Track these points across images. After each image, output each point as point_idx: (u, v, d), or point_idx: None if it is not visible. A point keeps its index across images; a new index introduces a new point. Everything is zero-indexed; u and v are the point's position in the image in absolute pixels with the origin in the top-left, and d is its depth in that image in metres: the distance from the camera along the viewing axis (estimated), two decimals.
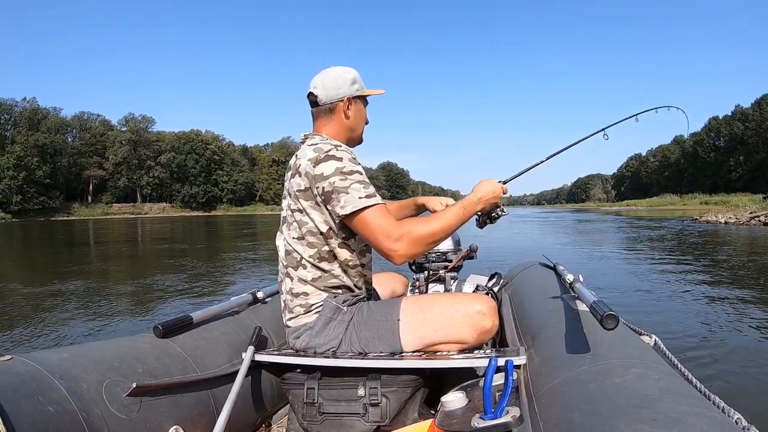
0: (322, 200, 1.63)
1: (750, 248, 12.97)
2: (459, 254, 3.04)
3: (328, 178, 1.59)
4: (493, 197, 1.79)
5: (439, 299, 1.74)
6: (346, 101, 1.78)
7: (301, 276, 1.73)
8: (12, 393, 1.13)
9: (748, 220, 23.33)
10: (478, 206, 1.76)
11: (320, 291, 1.72)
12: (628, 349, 1.29)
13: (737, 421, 0.99)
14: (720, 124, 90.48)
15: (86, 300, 6.92)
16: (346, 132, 1.83)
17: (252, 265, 11.04)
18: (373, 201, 1.57)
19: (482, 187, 1.79)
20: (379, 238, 1.55)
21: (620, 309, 1.22)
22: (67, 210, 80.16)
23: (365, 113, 1.89)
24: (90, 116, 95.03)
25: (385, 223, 1.55)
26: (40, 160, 75.91)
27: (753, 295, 6.29)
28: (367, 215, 1.56)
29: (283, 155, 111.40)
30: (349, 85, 1.79)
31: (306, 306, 1.73)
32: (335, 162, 1.60)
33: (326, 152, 1.63)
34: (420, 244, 1.56)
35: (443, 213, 1.68)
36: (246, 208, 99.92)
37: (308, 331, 1.72)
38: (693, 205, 58.69)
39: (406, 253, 1.55)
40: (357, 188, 1.57)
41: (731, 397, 1.18)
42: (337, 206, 1.58)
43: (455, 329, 1.63)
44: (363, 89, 1.84)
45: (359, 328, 1.67)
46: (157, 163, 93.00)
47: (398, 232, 1.53)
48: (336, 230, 1.68)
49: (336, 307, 1.70)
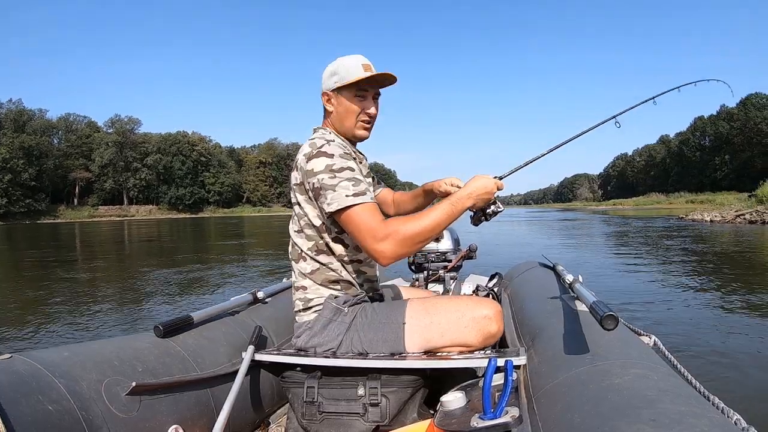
0: (312, 195, 1.63)
1: (736, 246, 13.09)
2: (458, 254, 3.04)
3: (317, 174, 1.58)
4: (485, 193, 1.67)
5: (445, 303, 1.70)
6: (324, 96, 1.78)
7: (301, 269, 1.74)
8: (12, 392, 1.12)
9: (734, 219, 23.51)
10: (468, 202, 1.66)
11: (318, 286, 1.72)
12: (628, 350, 1.29)
13: (737, 421, 1.00)
14: (705, 123, 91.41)
15: (86, 308, 6.86)
16: (336, 125, 1.80)
17: (247, 267, 11.00)
18: (360, 200, 1.54)
19: (474, 182, 1.69)
20: (365, 238, 1.52)
21: (615, 308, 1.23)
22: (53, 213, 79.59)
23: (355, 106, 1.76)
24: (76, 118, 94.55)
25: (371, 222, 1.52)
26: (25, 163, 75.35)
27: (744, 293, 6.34)
28: (354, 213, 1.53)
29: (270, 156, 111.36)
30: (327, 79, 1.76)
31: (305, 301, 1.74)
32: (326, 159, 1.59)
33: (318, 148, 1.62)
34: (407, 244, 1.51)
35: (431, 211, 1.61)
36: (233, 209, 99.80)
37: (308, 330, 1.72)
38: (679, 204, 59.19)
39: (392, 255, 1.51)
40: (345, 186, 1.55)
41: (731, 398, 1.18)
42: (324, 203, 1.57)
43: (461, 333, 1.61)
44: (344, 80, 1.71)
45: (362, 330, 1.66)
46: (144, 165, 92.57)
47: (384, 232, 1.49)
48: (328, 225, 1.68)
49: (336, 308, 1.69)
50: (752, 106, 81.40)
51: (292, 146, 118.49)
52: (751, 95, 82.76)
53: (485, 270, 2.91)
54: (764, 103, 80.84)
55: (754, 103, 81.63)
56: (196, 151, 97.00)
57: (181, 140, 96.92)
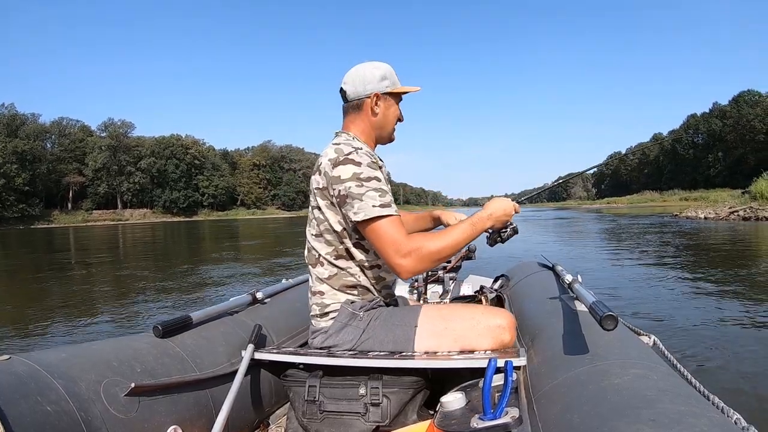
0: (337, 202, 1.63)
1: (731, 242, 13.13)
2: (458, 255, 3.05)
3: (344, 182, 1.59)
4: (504, 215, 1.73)
5: (460, 310, 1.73)
6: (373, 98, 1.76)
7: (318, 274, 1.75)
8: (10, 393, 1.12)
9: (728, 215, 23.58)
10: (488, 223, 1.71)
11: (336, 291, 1.73)
12: (628, 350, 1.30)
13: (736, 421, 1.01)
14: (698, 121, 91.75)
15: (85, 309, 6.82)
16: (373, 130, 1.81)
17: (244, 269, 10.98)
18: (386, 211, 1.56)
19: (494, 204, 1.74)
20: (388, 251, 1.54)
21: (612, 306, 1.23)
22: (47, 218, 79.05)
23: (397, 111, 1.84)
24: (69, 122, 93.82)
25: (396, 235, 1.54)
26: (19, 167, 74.81)
27: (742, 291, 6.34)
28: (379, 225, 1.56)
29: (264, 159, 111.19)
30: (377, 81, 1.76)
31: (322, 307, 1.75)
32: (353, 167, 1.60)
33: (346, 155, 1.62)
34: (427, 260, 1.55)
35: (452, 230, 1.65)
36: (227, 212, 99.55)
37: (323, 334, 1.74)
38: (673, 202, 59.32)
39: (413, 269, 1.55)
40: (372, 196, 1.57)
41: (730, 397, 1.19)
42: (350, 212, 1.58)
43: (475, 341, 1.62)
44: (395, 86, 1.80)
45: (375, 331, 1.68)
46: (138, 169, 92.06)
47: (407, 247, 1.53)
48: (350, 231, 1.69)
49: (352, 313, 1.70)
50: (745, 103, 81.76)
51: (286, 148, 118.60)
52: (743, 92, 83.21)
53: (485, 271, 2.91)
54: (757, 100, 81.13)
55: (746, 101, 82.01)
56: (189, 154, 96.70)
57: (174, 143, 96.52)
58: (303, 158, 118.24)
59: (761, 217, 21.53)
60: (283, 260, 12.68)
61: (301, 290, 2.54)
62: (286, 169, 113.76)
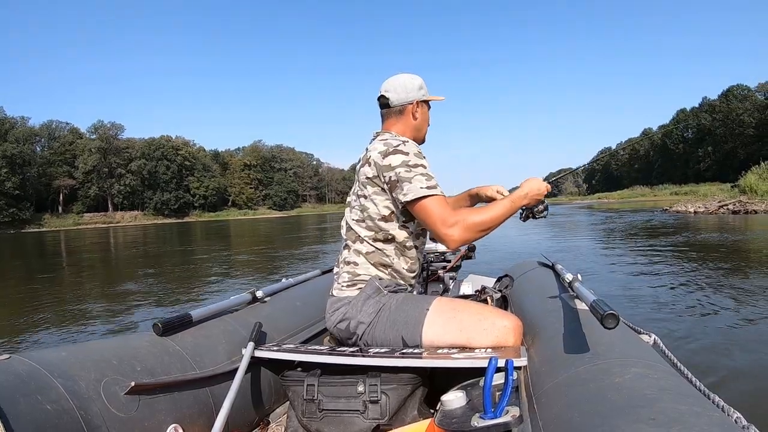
0: (388, 188, 1.82)
1: (721, 236, 13.22)
2: (457, 254, 3.06)
3: (394, 168, 1.78)
4: (538, 194, 1.94)
5: (471, 304, 1.85)
6: (415, 104, 1.99)
7: (358, 248, 1.92)
8: (10, 392, 1.13)
9: (717, 209, 23.78)
10: (524, 201, 1.91)
11: (370, 265, 1.90)
12: (628, 349, 1.31)
13: (737, 420, 1.01)
14: (688, 116, 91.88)
15: (84, 310, 6.79)
16: (412, 131, 2.01)
17: (242, 269, 10.96)
18: (433, 191, 1.74)
19: (529, 184, 1.94)
20: (436, 224, 1.72)
21: (611, 303, 1.24)
22: (37, 221, 78.31)
23: (429, 116, 2.08)
24: (59, 125, 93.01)
25: (442, 211, 1.72)
26: (8, 171, 73.99)
27: (740, 287, 6.34)
28: (428, 203, 1.74)
29: (254, 159, 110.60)
30: (417, 90, 1.99)
31: (352, 276, 1.90)
32: (402, 155, 1.79)
33: (395, 147, 1.82)
34: (472, 230, 1.73)
35: (493, 205, 1.84)
36: (219, 213, 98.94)
37: (346, 304, 1.86)
38: (663, 196, 59.46)
39: (459, 239, 1.72)
40: (419, 179, 1.75)
41: (731, 396, 1.20)
42: (401, 194, 1.76)
43: (479, 335, 1.69)
44: (428, 94, 2.03)
45: (391, 312, 1.79)
46: (128, 171, 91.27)
47: (453, 219, 1.71)
48: (398, 214, 1.86)
49: (378, 288, 1.85)
50: (734, 97, 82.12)
51: (277, 148, 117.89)
52: (732, 87, 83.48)
53: (484, 270, 2.92)
54: (746, 95, 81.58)
55: (735, 95, 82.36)
56: (180, 155, 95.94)
57: (165, 145, 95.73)
58: (294, 158, 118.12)
59: (750, 211, 21.70)
60: (281, 260, 12.65)
61: (302, 289, 2.55)
62: (277, 168, 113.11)
